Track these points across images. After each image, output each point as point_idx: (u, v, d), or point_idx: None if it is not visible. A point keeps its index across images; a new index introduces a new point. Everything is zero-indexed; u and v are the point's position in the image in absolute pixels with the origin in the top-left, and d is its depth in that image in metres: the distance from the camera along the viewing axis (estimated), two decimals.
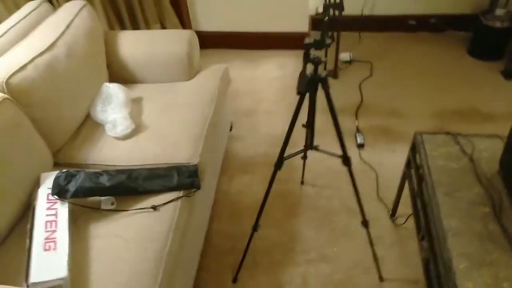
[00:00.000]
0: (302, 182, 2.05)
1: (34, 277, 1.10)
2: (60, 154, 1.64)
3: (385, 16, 3.13)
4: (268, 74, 2.89)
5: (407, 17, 3.11)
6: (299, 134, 1.56)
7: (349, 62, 2.91)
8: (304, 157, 1.89)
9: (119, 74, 2.01)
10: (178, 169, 1.52)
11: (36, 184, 1.39)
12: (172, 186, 1.46)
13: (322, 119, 2.10)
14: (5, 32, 1.64)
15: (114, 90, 1.78)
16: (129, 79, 2.02)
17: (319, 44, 1.06)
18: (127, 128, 1.67)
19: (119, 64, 1.98)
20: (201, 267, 1.71)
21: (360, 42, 3.12)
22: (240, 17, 3.00)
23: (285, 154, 1.42)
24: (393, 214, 1.86)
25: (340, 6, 1.93)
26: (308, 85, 1.13)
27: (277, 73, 2.89)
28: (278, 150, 1.40)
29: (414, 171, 1.53)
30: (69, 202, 1.32)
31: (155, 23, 2.75)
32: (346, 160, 1.36)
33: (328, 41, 1.06)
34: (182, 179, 1.48)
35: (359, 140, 2.24)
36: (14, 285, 1.10)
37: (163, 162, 1.57)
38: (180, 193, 1.46)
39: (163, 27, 2.81)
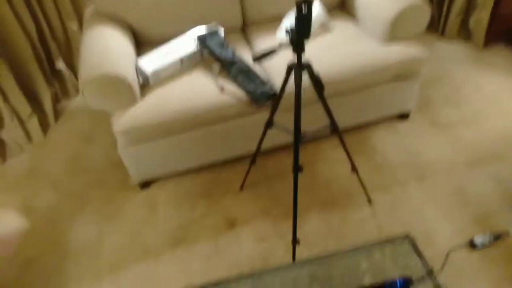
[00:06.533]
0: (369, 201, 1.85)
1: (140, 60, 1.84)
2: (249, 26, 2.21)
3: None
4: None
5: None
6: None
7: None
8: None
9: (348, 3, 2.19)
10: (263, 83, 1.80)
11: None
12: (245, 88, 1.79)
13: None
14: None
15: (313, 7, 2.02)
16: (350, 11, 2.20)
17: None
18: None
19: None
20: (238, 160, 2.08)
21: None
22: None
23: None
24: None
25: None
26: (263, 57, 1.15)
27: None
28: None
29: None
30: (198, 48, 1.92)
31: None
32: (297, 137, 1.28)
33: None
34: (256, 91, 1.77)
35: (478, 239, 1.65)
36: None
37: (264, 75, 1.88)
38: (245, 97, 1.79)
39: None
